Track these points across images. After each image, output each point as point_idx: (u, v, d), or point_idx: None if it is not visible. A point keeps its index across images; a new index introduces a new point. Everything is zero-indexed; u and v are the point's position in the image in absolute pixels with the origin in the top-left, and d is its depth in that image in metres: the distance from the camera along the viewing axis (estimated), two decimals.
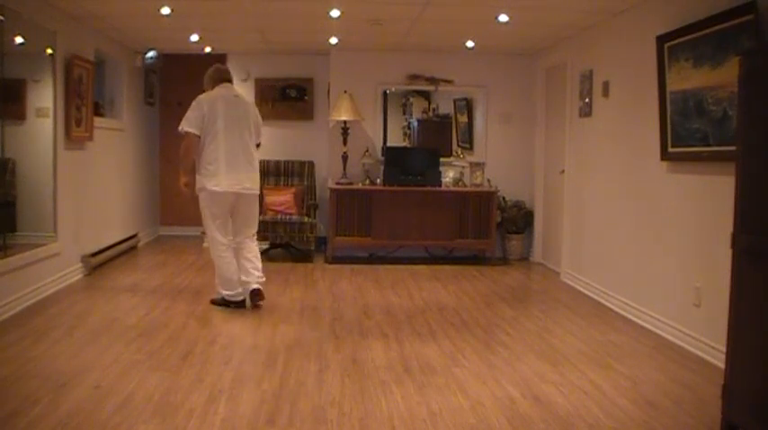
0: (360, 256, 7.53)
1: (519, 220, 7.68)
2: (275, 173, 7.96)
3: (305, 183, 7.94)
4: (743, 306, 2.92)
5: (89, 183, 6.45)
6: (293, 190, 7.77)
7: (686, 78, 4.36)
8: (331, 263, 7.28)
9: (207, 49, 7.71)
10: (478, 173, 7.59)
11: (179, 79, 8.61)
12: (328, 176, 7.77)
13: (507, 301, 5.70)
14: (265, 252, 7.34)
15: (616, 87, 5.60)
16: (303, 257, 7.50)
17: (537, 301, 5.95)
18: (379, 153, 7.71)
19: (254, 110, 5.34)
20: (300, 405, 3.29)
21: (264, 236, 7.13)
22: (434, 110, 8.76)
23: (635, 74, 5.20)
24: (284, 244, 7.62)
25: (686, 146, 4.41)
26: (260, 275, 5.24)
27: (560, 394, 3.50)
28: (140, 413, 3.12)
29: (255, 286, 5.19)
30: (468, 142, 8.18)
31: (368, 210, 7.32)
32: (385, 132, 8.03)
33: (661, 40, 4.60)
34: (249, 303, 5.20)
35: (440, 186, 7.41)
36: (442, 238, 7.41)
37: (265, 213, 7.32)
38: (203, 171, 5.04)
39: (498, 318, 5.09)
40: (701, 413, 3.27)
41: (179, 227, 9.00)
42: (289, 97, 8.31)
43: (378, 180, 7.46)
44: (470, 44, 7.06)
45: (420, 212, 7.34)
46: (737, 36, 3.81)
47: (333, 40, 7.13)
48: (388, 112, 8.17)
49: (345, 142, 7.50)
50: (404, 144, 8.61)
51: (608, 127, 5.75)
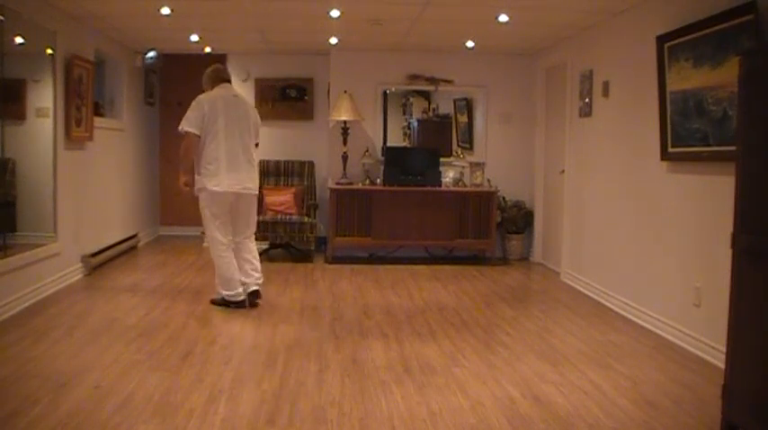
0: (360, 256, 7.53)
1: (519, 220, 7.68)
2: (275, 173, 7.96)
3: (305, 183, 7.94)
4: (743, 306, 2.92)
5: (89, 183, 6.45)
6: (293, 190, 7.76)
7: (686, 78, 4.36)
8: (331, 263, 7.28)
9: (207, 50, 7.71)
10: (478, 173, 7.58)
11: (179, 79, 8.61)
12: (328, 176, 7.76)
13: (507, 301, 5.70)
14: (265, 252, 7.35)
15: (616, 87, 5.60)
16: (303, 257, 7.50)
17: (537, 301, 5.95)
18: (379, 153, 7.71)
19: (253, 110, 5.36)
20: (300, 405, 3.29)
21: (264, 236, 7.14)
22: (434, 110, 8.76)
23: (635, 74, 5.20)
24: (284, 244, 7.61)
25: (686, 146, 4.41)
26: (258, 277, 5.27)
27: (560, 394, 3.50)
28: (140, 413, 3.12)
29: (254, 288, 5.22)
30: (468, 142, 8.17)
31: (368, 210, 7.31)
32: (385, 132, 8.02)
33: (661, 40, 4.60)
34: (248, 303, 5.21)
35: (440, 186, 7.40)
36: (442, 238, 7.41)
37: (265, 213, 7.32)
38: (203, 171, 5.04)
39: (498, 318, 5.10)
40: (701, 413, 3.27)
41: (179, 227, 9.00)
42: (289, 97, 8.30)
43: (378, 180, 7.46)
44: (470, 44, 7.06)
45: (420, 212, 7.34)
46: (737, 36, 3.81)
47: (333, 40, 7.13)
48: (388, 112, 8.16)
49: (345, 142, 7.49)
50: (404, 144, 8.61)
51: (608, 127, 5.75)
